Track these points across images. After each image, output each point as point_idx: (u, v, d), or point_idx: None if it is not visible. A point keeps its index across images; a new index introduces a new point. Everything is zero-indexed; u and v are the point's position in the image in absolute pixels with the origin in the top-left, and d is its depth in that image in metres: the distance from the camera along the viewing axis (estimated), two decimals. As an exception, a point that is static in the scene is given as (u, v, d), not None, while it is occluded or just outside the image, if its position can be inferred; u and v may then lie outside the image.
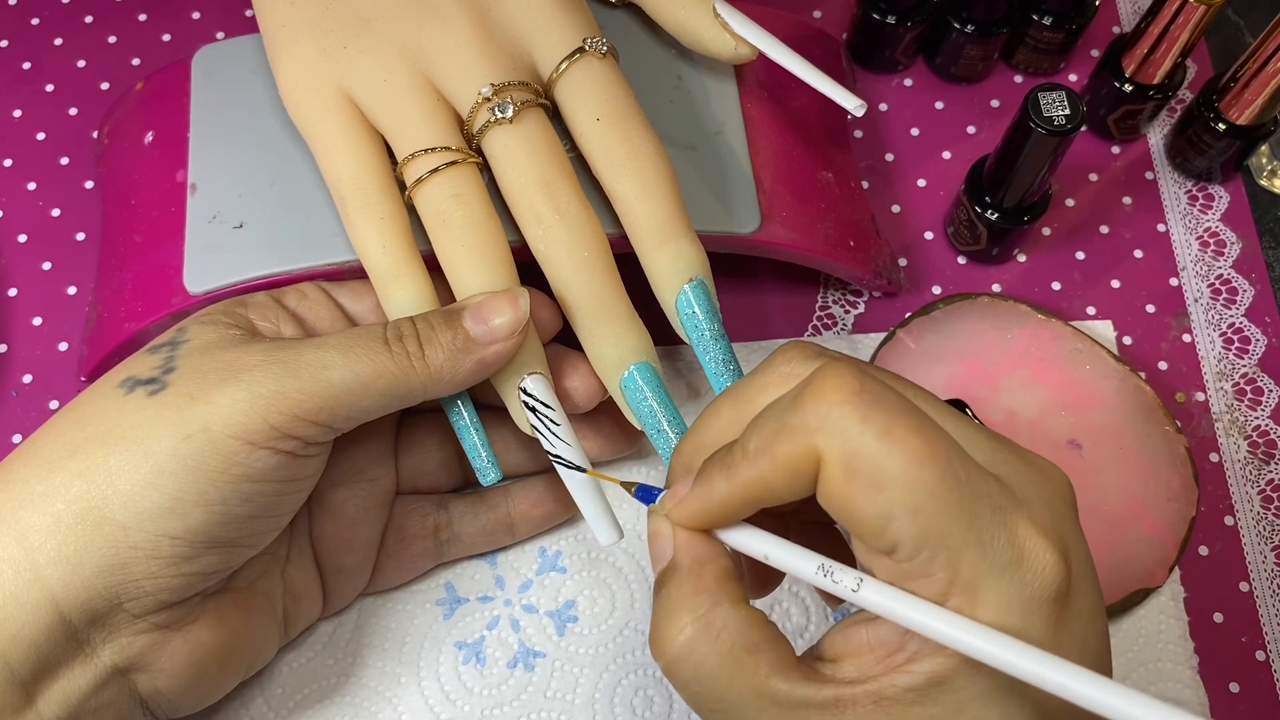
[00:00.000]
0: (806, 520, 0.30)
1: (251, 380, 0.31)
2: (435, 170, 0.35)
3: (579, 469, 0.34)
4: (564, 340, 0.37)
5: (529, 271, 0.35)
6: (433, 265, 0.35)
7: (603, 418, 0.39)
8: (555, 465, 0.34)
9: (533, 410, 0.34)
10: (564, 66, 0.35)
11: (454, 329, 0.33)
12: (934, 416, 0.25)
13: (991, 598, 0.24)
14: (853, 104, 0.37)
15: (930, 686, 0.24)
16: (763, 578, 0.32)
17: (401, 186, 0.36)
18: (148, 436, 0.30)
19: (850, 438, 0.24)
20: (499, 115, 0.35)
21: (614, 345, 0.35)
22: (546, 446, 0.34)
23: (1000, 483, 0.25)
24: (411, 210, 0.36)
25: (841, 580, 0.25)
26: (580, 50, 0.36)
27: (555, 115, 0.37)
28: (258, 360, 0.31)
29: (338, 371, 0.31)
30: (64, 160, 0.47)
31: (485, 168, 0.36)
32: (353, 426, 0.33)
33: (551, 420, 0.34)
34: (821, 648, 0.27)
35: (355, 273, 0.37)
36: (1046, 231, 0.47)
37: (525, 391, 0.34)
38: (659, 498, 0.29)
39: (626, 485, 0.30)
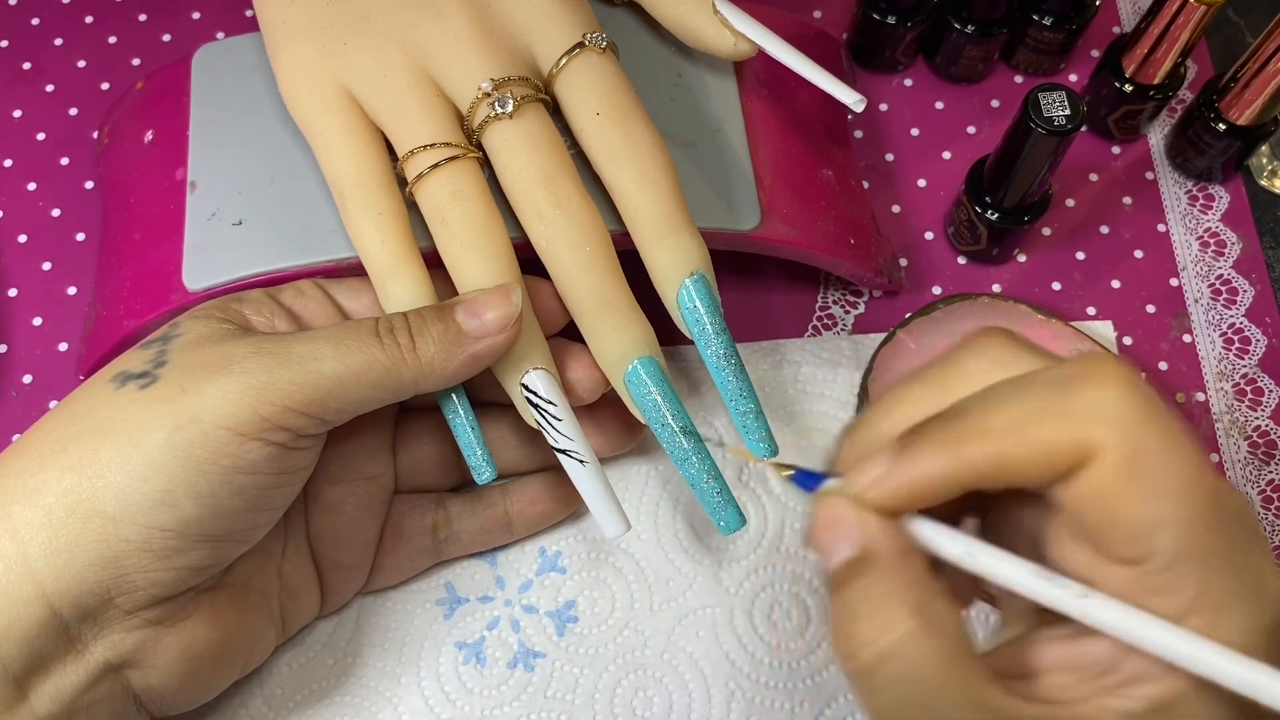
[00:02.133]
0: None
1: (242, 371, 0.31)
2: (435, 166, 0.35)
3: (584, 457, 0.34)
4: (569, 334, 0.37)
5: (531, 266, 0.35)
6: (433, 262, 0.35)
7: (605, 412, 0.39)
8: (560, 459, 0.34)
9: (535, 406, 0.34)
10: (564, 61, 0.35)
11: (445, 322, 0.33)
12: None
13: (1235, 622, 0.22)
14: (852, 99, 0.37)
15: (1150, 713, 0.23)
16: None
17: (402, 183, 0.36)
18: (138, 428, 0.30)
19: (1138, 435, 0.22)
20: (499, 110, 0.35)
21: (617, 339, 0.35)
22: (550, 441, 0.34)
23: (1249, 509, 0.24)
24: (413, 207, 0.36)
25: (1066, 587, 0.23)
26: (580, 45, 0.36)
27: (556, 111, 0.37)
28: (248, 352, 0.31)
29: (328, 363, 0.31)
30: (64, 160, 0.47)
31: (486, 163, 0.36)
32: (344, 419, 0.33)
33: (554, 415, 0.34)
34: (1012, 660, 0.25)
35: (354, 270, 0.37)
36: (1047, 232, 0.47)
37: (526, 387, 0.34)
38: (831, 483, 0.26)
39: (782, 467, 0.27)
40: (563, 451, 0.34)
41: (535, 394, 0.34)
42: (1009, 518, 0.27)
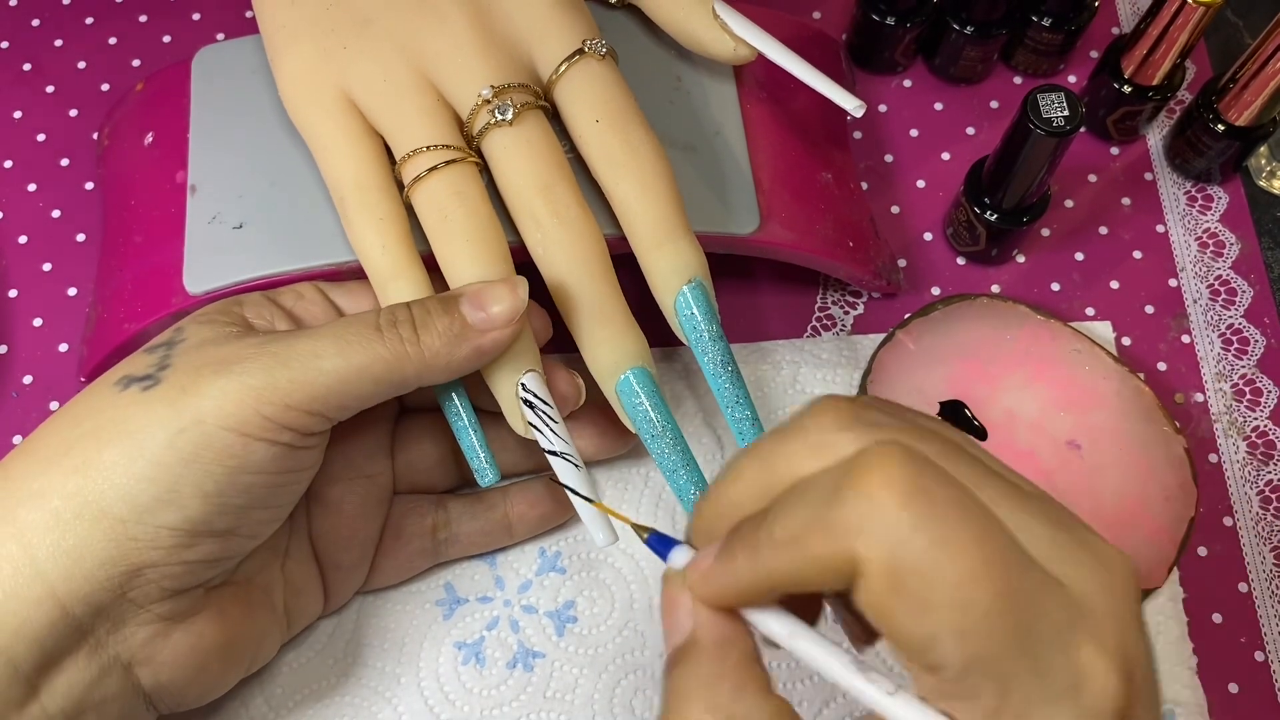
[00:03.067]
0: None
1: (243, 372, 0.31)
2: (434, 168, 0.35)
3: (577, 461, 0.34)
4: (559, 344, 0.37)
5: (526, 274, 0.35)
6: (433, 265, 0.35)
7: (595, 417, 0.39)
8: (553, 463, 0.34)
9: (531, 406, 0.34)
10: (563, 68, 0.36)
11: (451, 315, 0.33)
12: (999, 497, 0.23)
13: None
14: (851, 104, 0.37)
15: None
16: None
17: (400, 186, 0.36)
18: (141, 430, 0.30)
19: (897, 547, 0.21)
20: (499, 117, 0.35)
21: (610, 349, 0.35)
22: (544, 444, 0.34)
23: (1064, 591, 0.22)
24: (411, 211, 0.36)
25: (876, 683, 0.23)
26: (580, 52, 0.36)
27: (555, 117, 0.37)
28: (249, 353, 0.31)
29: (329, 360, 0.31)
30: (64, 161, 0.47)
31: (484, 169, 0.36)
32: (348, 415, 0.33)
33: (549, 417, 0.34)
34: None
35: (354, 273, 0.37)
36: (1046, 232, 0.47)
37: (524, 388, 0.34)
38: (679, 555, 0.27)
39: (639, 529, 0.28)
40: (557, 454, 0.34)
41: (535, 394, 0.34)
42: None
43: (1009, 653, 0.21)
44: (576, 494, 0.34)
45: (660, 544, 0.27)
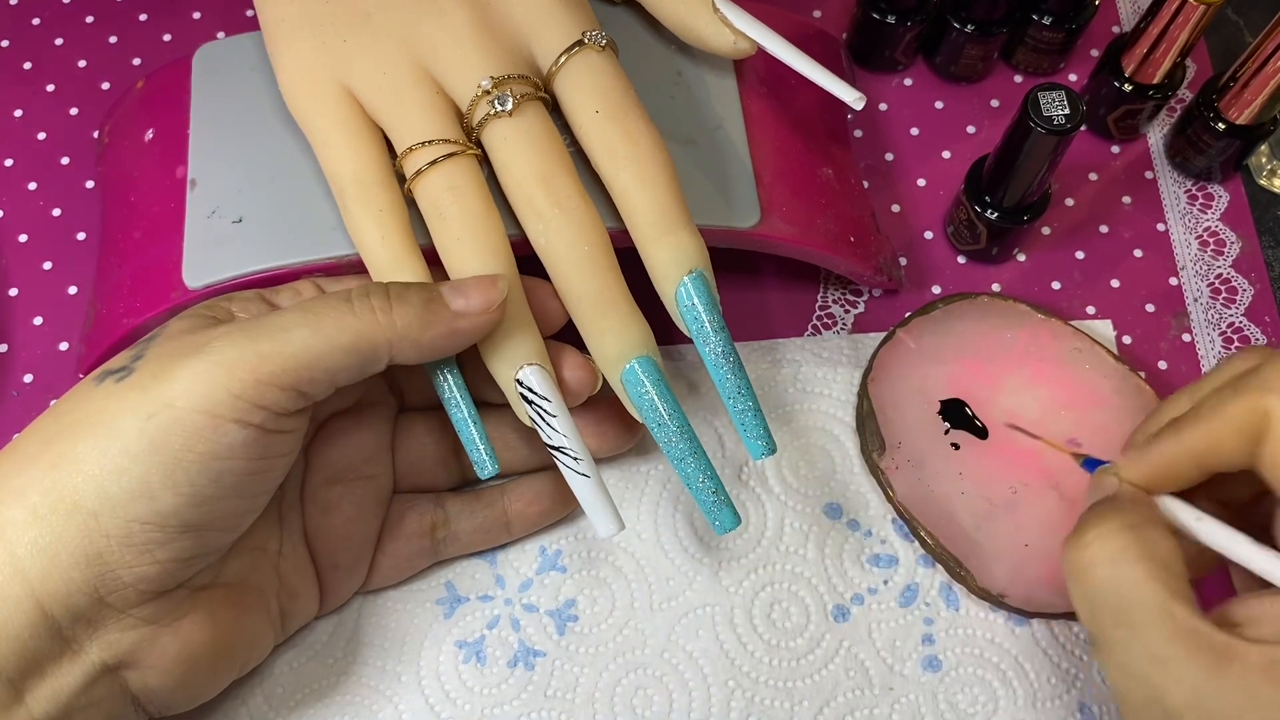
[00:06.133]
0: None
1: (211, 351, 0.30)
2: (434, 162, 0.35)
3: (577, 454, 0.34)
4: (565, 336, 0.37)
5: (530, 266, 0.35)
6: (433, 260, 0.35)
7: (603, 411, 0.39)
8: (554, 457, 0.34)
9: (529, 402, 0.34)
10: (563, 59, 0.35)
11: (428, 293, 0.33)
12: None
13: None
14: (851, 97, 0.37)
15: None
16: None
17: (401, 180, 0.36)
18: (113, 419, 0.30)
19: None
20: (498, 108, 0.35)
21: (615, 339, 0.35)
22: (544, 438, 0.34)
23: None
24: (412, 205, 0.36)
25: (1269, 556, 0.28)
26: (579, 43, 0.36)
27: (555, 108, 0.37)
28: (219, 334, 0.31)
29: (297, 330, 0.31)
30: (65, 160, 0.47)
31: (485, 161, 0.36)
32: (322, 392, 0.32)
33: (548, 412, 0.34)
34: (1232, 614, 0.29)
35: (354, 268, 0.37)
36: (1046, 231, 0.47)
37: (520, 383, 0.34)
38: (1107, 466, 0.33)
39: (1076, 455, 0.34)
40: (556, 449, 0.34)
41: (530, 390, 0.34)
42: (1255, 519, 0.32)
43: None
44: (578, 474, 0.34)
45: (1092, 465, 0.34)
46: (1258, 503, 0.32)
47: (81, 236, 0.46)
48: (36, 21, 0.50)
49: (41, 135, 0.48)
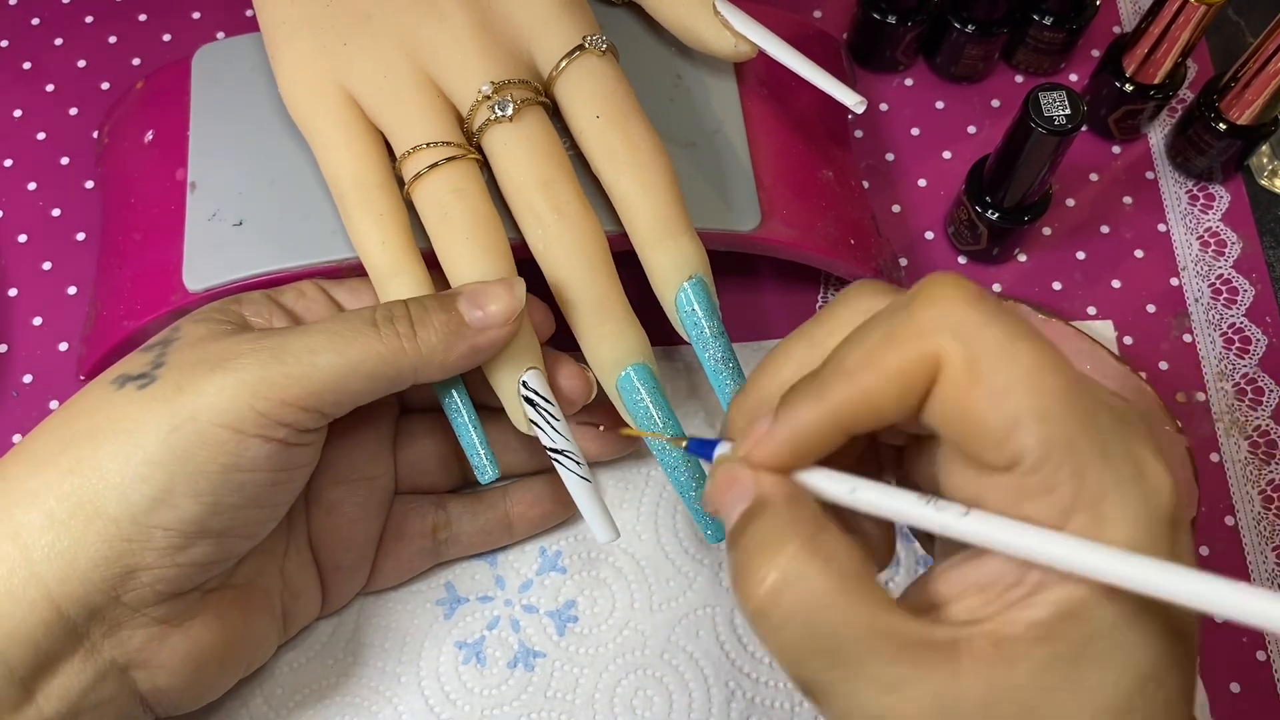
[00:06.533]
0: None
1: (238, 368, 0.31)
2: (435, 165, 0.35)
3: (578, 459, 0.34)
4: (560, 341, 0.37)
5: (528, 270, 0.35)
6: (433, 263, 0.35)
7: (600, 418, 0.39)
8: (553, 461, 0.34)
9: (533, 404, 0.34)
10: (564, 64, 0.35)
11: (448, 312, 0.33)
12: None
13: (1118, 514, 0.22)
14: (852, 101, 0.37)
15: (1058, 620, 0.22)
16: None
17: (400, 183, 0.36)
18: (136, 429, 0.30)
19: (974, 338, 0.23)
20: (499, 113, 0.35)
21: (611, 346, 0.35)
22: (546, 441, 0.34)
23: (1112, 396, 0.24)
24: (411, 208, 0.36)
25: (947, 509, 0.23)
26: (580, 48, 0.36)
27: (555, 113, 0.37)
28: (244, 349, 0.31)
29: (324, 355, 0.31)
30: (64, 160, 0.47)
31: (484, 166, 0.36)
32: (343, 412, 0.32)
33: (551, 415, 0.34)
34: (919, 595, 0.25)
35: (354, 270, 0.37)
36: (1047, 231, 0.47)
37: (526, 385, 0.34)
38: (723, 449, 0.27)
39: (675, 440, 0.29)
40: (558, 452, 0.34)
41: (536, 392, 0.34)
42: (915, 470, 0.27)
43: (1083, 434, 0.22)
44: (579, 478, 0.34)
45: (701, 446, 0.28)
46: (897, 453, 0.28)
47: (81, 237, 0.46)
48: (36, 21, 0.50)
49: (41, 135, 0.48)
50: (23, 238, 0.46)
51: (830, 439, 0.25)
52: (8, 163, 0.47)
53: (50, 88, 0.49)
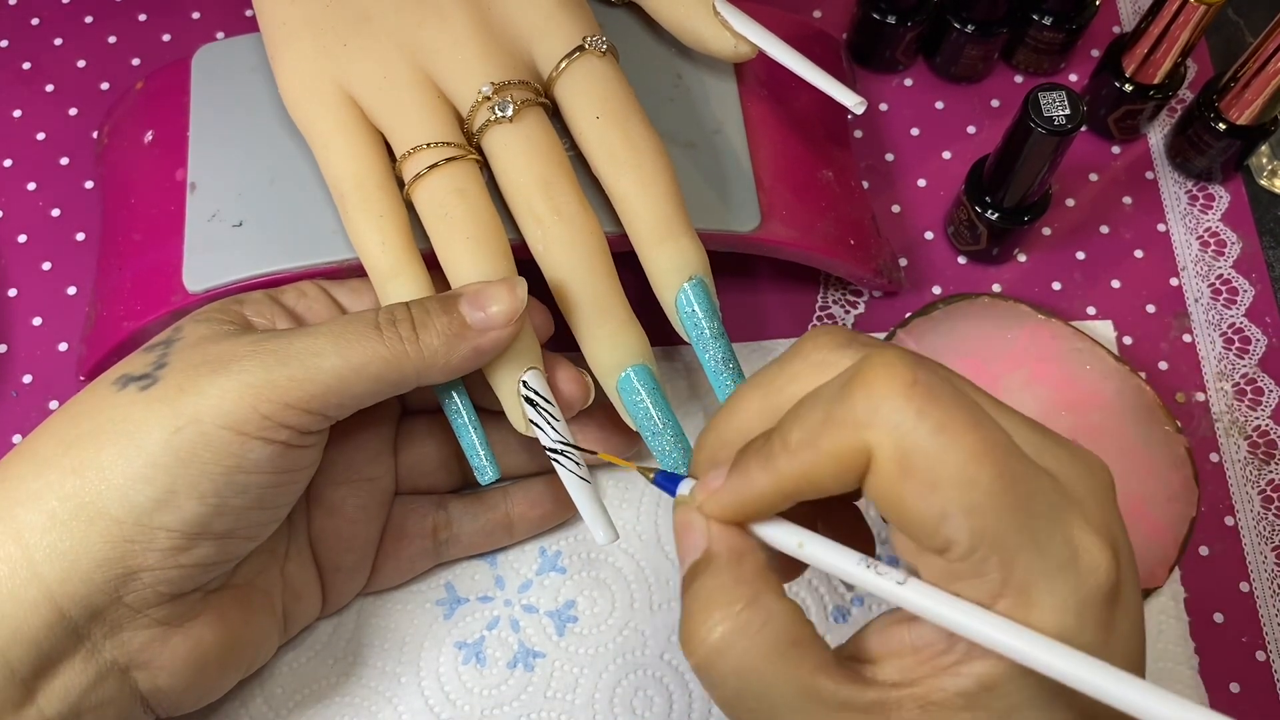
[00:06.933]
0: (831, 513, 0.29)
1: (241, 370, 0.31)
2: (435, 165, 0.35)
3: (578, 460, 0.34)
4: (559, 342, 0.37)
5: (527, 271, 0.35)
6: (433, 264, 0.35)
7: (600, 420, 0.39)
8: (553, 462, 0.34)
9: (533, 404, 0.34)
10: (564, 65, 0.35)
11: (450, 314, 0.33)
12: (985, 407, 0.24)
13: (1046, 600, 0.23)
14: (852, 101, 0.37)
15: (980, 691, 0.24)
16: (787, 565, 0.30)
17: (400, 184, 0.36)
18: (139, 430, 0.30)
19: (904, 433, 0.23)
20: (499, 114, 0.35)
21: (611, 347, 0.35)
22: (546, 441, 0.34)
23: (1053, 479, 0.24)
24: (412, 209, 0.36)
25: (886, 575, 0.24)
26: (580, 48, 0.36)
27: (555, 114, 0.37)
28: (247, 351, 0.31)
29: (328, 359, 0.31)
30: (64, 160, 0.47)
31: (484, 166, 0.36)
32: (346, 414, 0.33)
33: (551, 415, 0.34)
34: (857, 647, 0.26)
35: (354, 271, 0.37)
36: (1047, 231, 0.47)
37: (526, 385, 0.34)
38: (685, 487, 0.28)
39: (644, 470, 0.29)
40: (558, 452, 0.34)
41: (536, 392, 0.34)
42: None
43: (1011, 527, 0.23)
44: (579, 479, 0.34)
45: (667, 480, 0.29)
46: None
47: (81, 237, 0.46)
48: (36, 21, 0.50)
49: (41, 135, 0.48)
50: (23, 238, 0.46)
51: (777, 505, 0.26)
52: (8, 163, 0.47)
53: (50, 88, 0.49)
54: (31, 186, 0.47)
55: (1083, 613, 0.23)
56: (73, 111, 0.48)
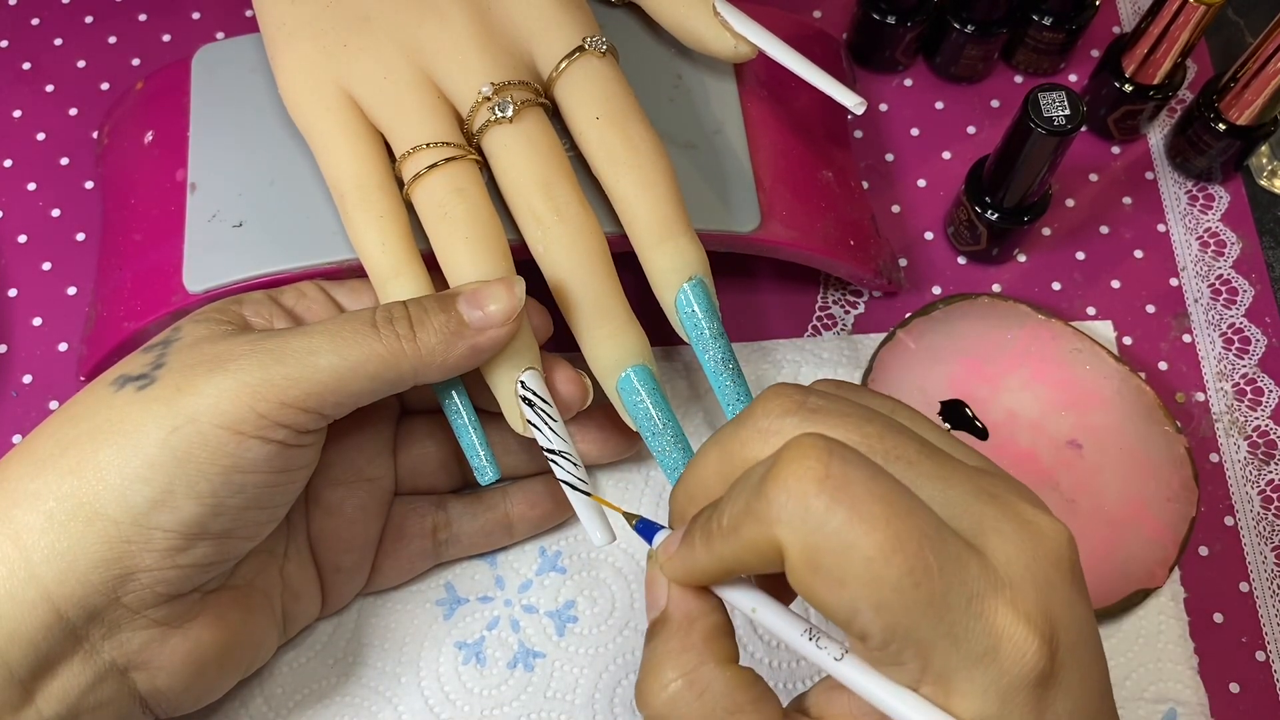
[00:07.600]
0: None
1: (237, 370, 0.31)
2: (434, 165, 0.35)
3: (576, 460, 0.34)
4: (559, 342, 0.37)
5: (527, 272, 0.35)
6: (433, 264, 0.35)
7: (600, 421, 0.39)
8: (550, 462, 0.34)
9: (530, 405, 0.34)
10: (564, 65, 0.35)
11: (448, 312, 0.33)
12: (928, 473, 0.25)
13: (965, 688, 0.23)
14: (852, 102, 0.37)
15: None
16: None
17: (400, 184, 0.36)
18: (136, 430, 0.30)
19: (810, 530, 0.23)
20: (499, 114, 0.35)
21: (611, 347, 0.35)
22: (543, 442, 0.34)
23: (981, 560, 0.23)
24: (411, 209, 0.36)
25: (826, 649, 0.25)
26: (580, 49, 0.36)
27: (555, 114, 0.37)
28: (244, 350, 0.31)
29: (325, 357, 0.31)
30: (64, 160, 0.47)
31: (484, 167, 0.36)
32: (344, 413, 0.33)
33: (549, 416, 0.34)
34: (808, 703, 0.27)
35: (354, 272, 0.37)
36: (1046, 231, 0.47)
37: (524, 385, 0.34)
38: (659, 538, 0.29)
39: (629, 517, 0.30)
40: (555, 453, 0.34)
41: (534, 393, 0.34)
42: None
43: (923, 623, 0.23)
44: (575, 489, 0.34)
45: (646, 529, 0.29)
46: None
47: (81, 237, 0.46)
48: (36, 22, 0.50)
49: (41, 136, 0.48)
50: (23, 238, 0.46)
51: (720, 577, 0.26)
52: (8, 163, 0.47)
53: (50, 88, 0.49)
54: (31, 186, 0.47)
55: (1006, 700, 0.23)
56: (73, 111, 0.48)
